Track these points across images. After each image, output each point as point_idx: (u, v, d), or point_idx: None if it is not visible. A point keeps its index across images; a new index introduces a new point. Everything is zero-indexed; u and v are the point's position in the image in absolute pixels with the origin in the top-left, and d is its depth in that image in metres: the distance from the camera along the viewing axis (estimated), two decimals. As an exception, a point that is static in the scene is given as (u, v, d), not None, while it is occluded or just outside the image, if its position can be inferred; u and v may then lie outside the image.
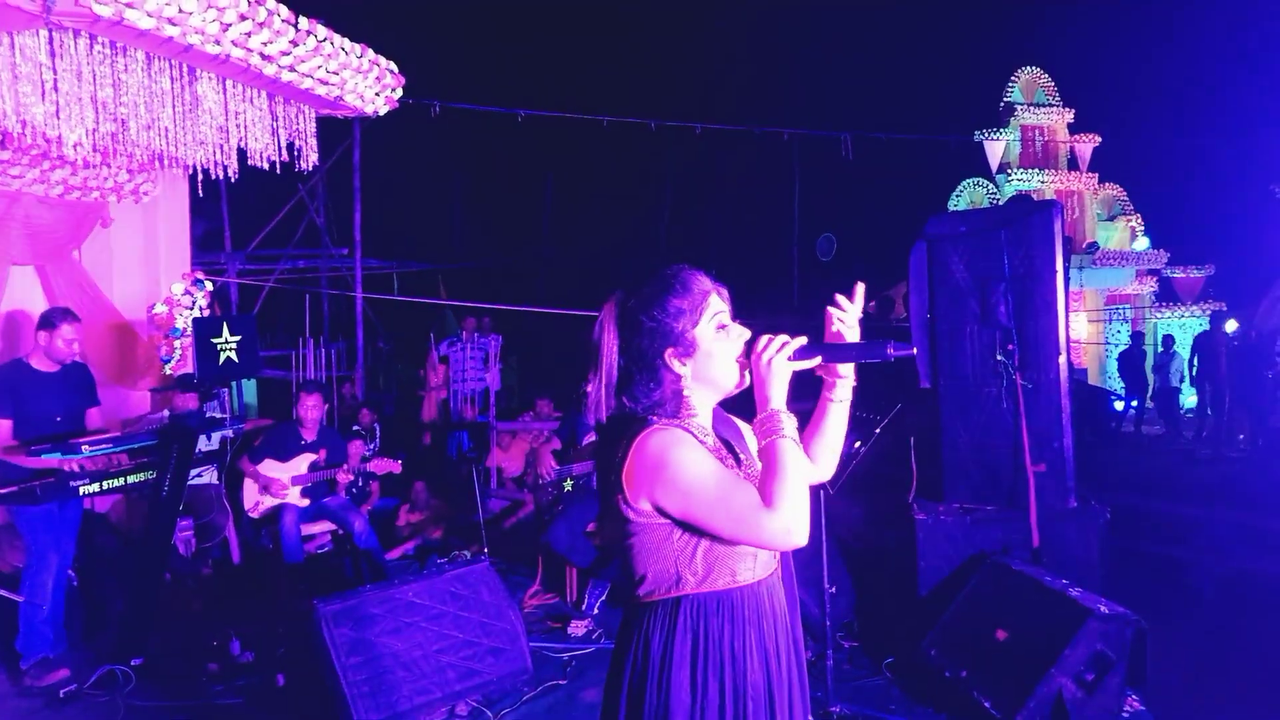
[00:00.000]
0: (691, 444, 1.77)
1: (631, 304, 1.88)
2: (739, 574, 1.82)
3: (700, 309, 1.86)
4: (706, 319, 1.86)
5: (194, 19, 4.30)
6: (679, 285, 1.86)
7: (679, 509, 1.75)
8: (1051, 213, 4.75)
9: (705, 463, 1.76)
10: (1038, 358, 4.70)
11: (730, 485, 1.74)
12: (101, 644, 4.80)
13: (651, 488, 1.76)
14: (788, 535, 1.69)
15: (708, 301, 1.87)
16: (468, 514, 7.16)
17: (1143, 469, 9.89)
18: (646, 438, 1.78)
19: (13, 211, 5.50)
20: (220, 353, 6.04)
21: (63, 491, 4.45)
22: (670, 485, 1.74)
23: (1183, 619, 5.07)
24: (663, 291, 1.86)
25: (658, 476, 1.75)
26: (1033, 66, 18.33)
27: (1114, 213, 18.39)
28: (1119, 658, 3.68)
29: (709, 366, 1.86)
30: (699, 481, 1.73)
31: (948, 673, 4.10)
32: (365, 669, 3.84)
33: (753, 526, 1.70)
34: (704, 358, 1.86)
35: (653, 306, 1.85)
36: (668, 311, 1.84)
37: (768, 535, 1.70)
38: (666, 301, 1.85)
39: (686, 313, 1.85)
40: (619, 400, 1.86)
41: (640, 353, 1.85)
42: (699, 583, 1.80)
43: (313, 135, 5.67)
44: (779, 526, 1.69)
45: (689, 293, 1.86)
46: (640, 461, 1.77)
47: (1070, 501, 4.72)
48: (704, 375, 1.87)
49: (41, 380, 4.60)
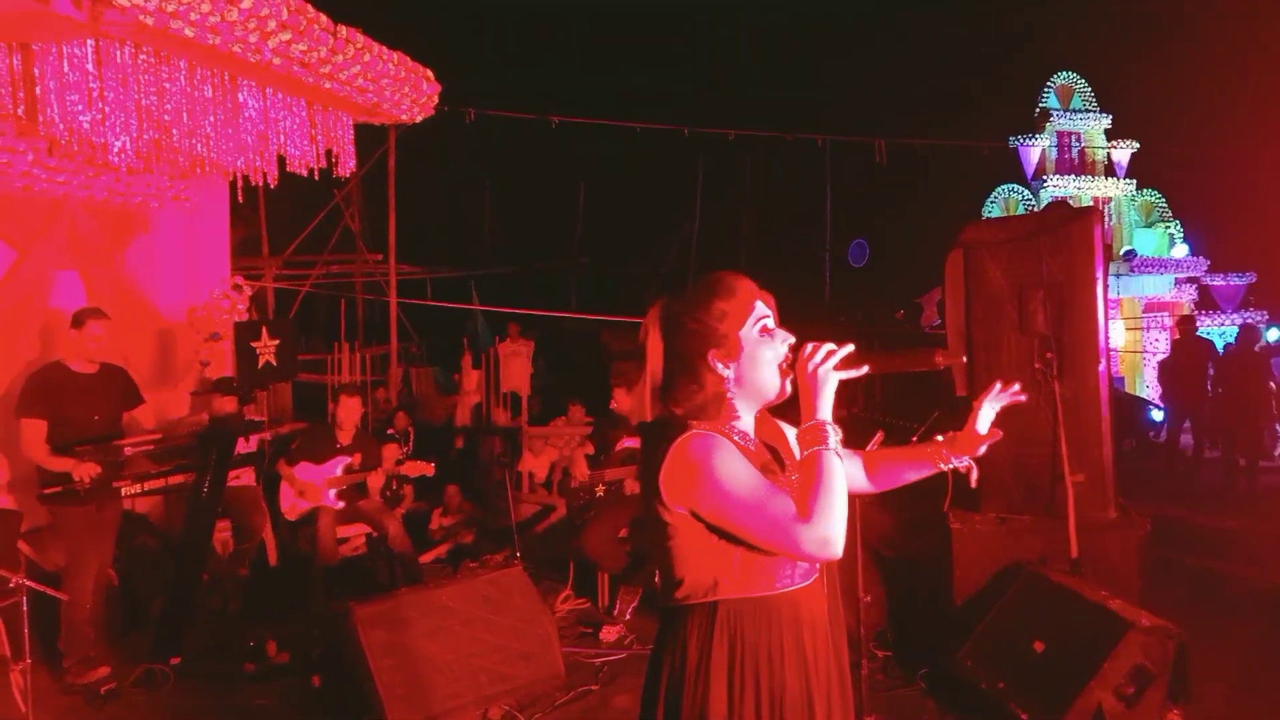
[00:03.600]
0: (730, 450, 1.77)
1: (676, 306, 1.88)
2: (777, 581, 1.81)
3: (745, 311, 1.85)
4: (751, 322, 1.86)
5: (236, 28, 4.37)
6: (723, 288, 1.86)
7: (715, 515, 1.75)
8: (1091, 219, 4.70)
9: (743, 471, 1.75)
10: (1076, 366, 4.64)
11: (767, 494, 1.73)
12: (140, 643, 4.87)
13: (689, 492, 1.76)
14: (823, 547, 1.69)
15: (753, 305, 1.87)
16: (500, 518, 7.19)
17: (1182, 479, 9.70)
18: (686, 442, 1.77)
19: (59, 216, 5.60)
20: (259, 356, 6.11)
21: (104, 492, 4.52)
22: (707, 491, 1.74)
23: (1225, 632, 4.97)
24: (707, 294, 1.87)
25: (695, 481, 1.74)
26: (1069, 72, 18.14)
27: (1152, 219, 18.13)
28: (1160, 672, 3.61)
29: (752, 370, 1.85)
30: (736, 489, 1.73)
31: (984, 684, 4.04)
32: (400, 671, 3.86)
33: (788, 537, 1.70)
34: (747, 361, 1.85)
35: (696, 308, 1.85)
36: (711, 313, 1.84)
37: (803, 546, 1.70)
38: (710, 303, 1.85)
39: (730, 315, 1.84)
40: (662, 403, 1.86)
41: (682, 354, 1.85)
42: (736, 588, 1.79)
43: (350, 142, 5.73)
44: (815, 538, 1.68)
45: (733, 295, 1.86)
46: (679, 465, 1.76)
47: (1110, 512, 4.65)
48: (747, 379, 1.86)
49: (79, 382, 4.66)
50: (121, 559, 5.16)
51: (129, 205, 6.17)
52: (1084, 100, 18.05)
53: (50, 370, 4.69)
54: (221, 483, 4.87)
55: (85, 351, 4.65)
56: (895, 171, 16.16)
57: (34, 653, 4.68)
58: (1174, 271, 17.53)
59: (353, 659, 3.87)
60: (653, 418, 1.87)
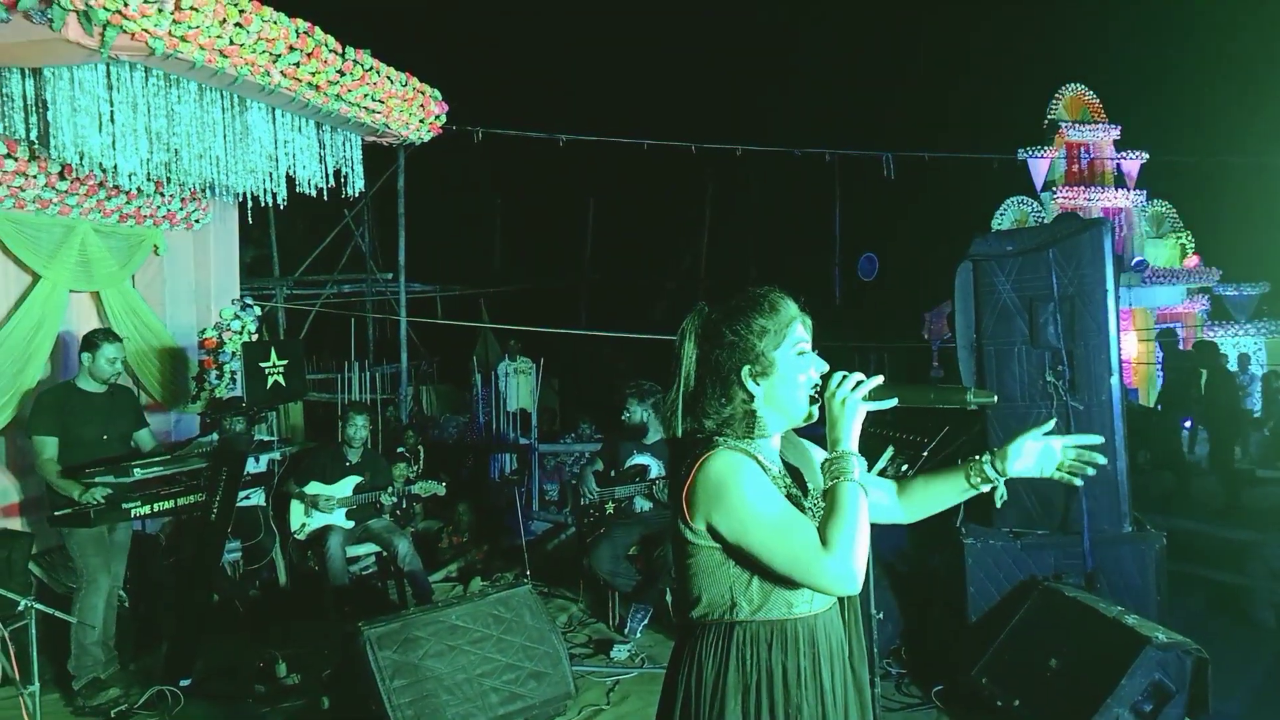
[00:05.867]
0: (756, 473, 1.75)
1: (715, 316, 1.87)
2: (795, 605, 1.79)
3: (784, 333, 1.84)
4: (789, 344, 1.84)
5: (245, 50, 4.39)
6: (767, 305, 1.85)
7: (735, 537, 1.73)
8: (1102, 230, 4.67)
9: (767, 495, 1.73)
10: (1089, 379, 4.61)
11: (790, 523, 1.71)
12: (151, 664, 4.87)
13: (710, 511, 1.74)
14: (844, 583, 1.68)
15: (792, 327, 1.85)
16: (510, 536, 7.18)
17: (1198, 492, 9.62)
18: (711, 459, 1.76)
19: (70, 240, 5.65)
20: (268, 377, 6.13)
21: (114, 514, 4.54)
22: (729, 512, 1.72)
23: (1243, 647, 4.91)
24: (750, 308, 1.85)
25: (718, 501, 1.73)
26: (1077, 84, 18.13)
27: (1163, 230, 18.07)
28: (1178, 688, 3.56)
29: (782, 392, 1.84)
30: (758, 514, 1.71)
31: (999, 702, 4.00)
32: (409, 692, 3.84)
33: (808, 568, 1.69)
34: (779, 382, 1.83)
35: (737, 322, 1.84)
36: (752, 329, 1.83)
37: (822, 579, 1.69)
38: (751, 319, 1.83)
39: (770, 333, 1.83)
40: (691, 414, 1.85)
41: (717, 366, 1.83)
42: (754, 611, 1.78)
43: (359, 162, 5.76)
44: (836, 572, 1.67)
45: (776, 314, 1.84)
46: (702, 483, 1.75)
47: (1125, 526, 4.60)
48: (775, 400, 1.84)
49: (89, 402, 4.72)
50: (132, 580, 5.17)
51: (140, 227, 6.21)
52: (1092, 112, 18.04)
53: (61, 390, 4.76)
54: (231, 503, 4.88)
55: (99, 374, 4.70)
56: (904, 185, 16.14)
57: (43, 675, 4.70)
58: (1186, 282, 17.45)
59: (362, 679, 3.86)
60: (682, 427, 1.86)
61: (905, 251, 18.75)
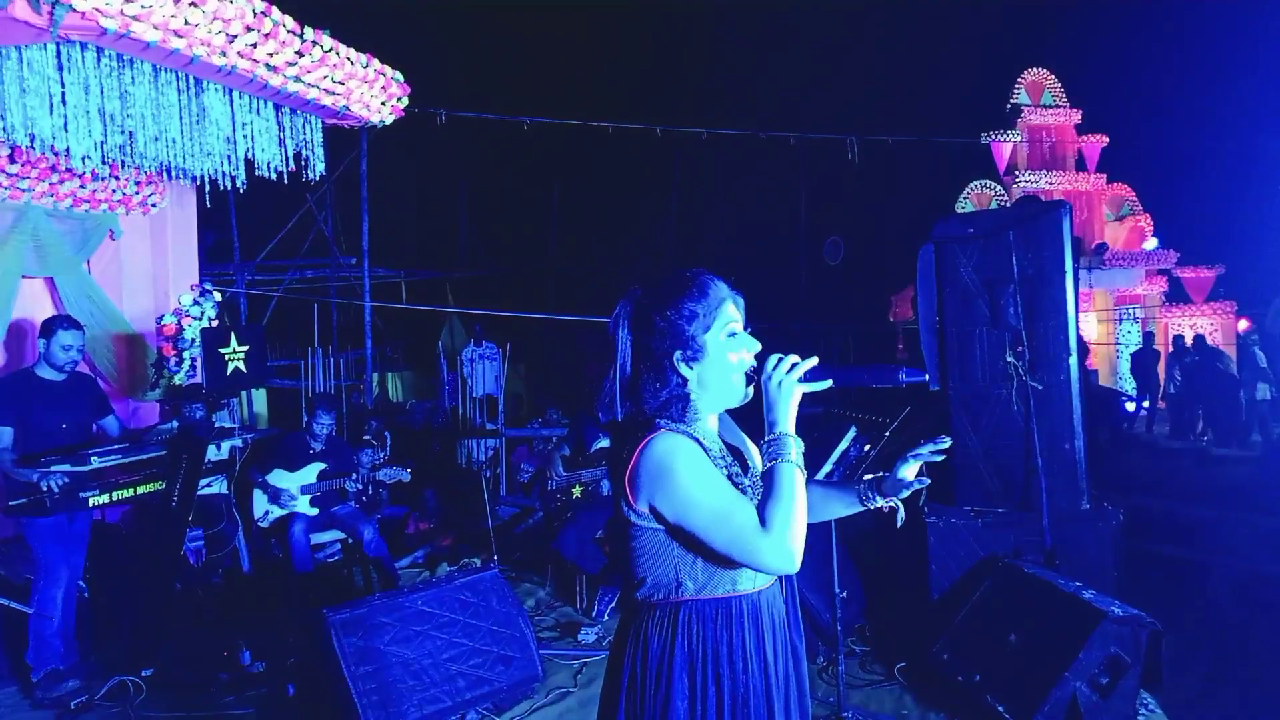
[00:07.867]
0: (697, 454, 1.76)
1: (646, 302, 1.87)
2: (739, 583, 1.82)
3: (713, 315, 1.84)
4: (719, 326, 1.84)
5: (200, 31, 4.31)
6: (695, 289, 1.84)
7: (676, 519, 1.75)
8: (1060, 213, 4.73)
9: (707, 477, 1.74)
10: (1048, 359, 4.67)
11: (729, 504, 1.72)
12: (112, 655, 4.80)
13: (653, 493, 1.75)
14: (780, 561, 1.70)
15: (722, 309, 1.85)
16: (477, 521, 7.16)
17: (1154, 470, 9.81)
18: (652, 442, 1.77)
19: (22, 224, 5.53)
20: (228, 363, 6.05)
21: (72, 503, 4.46)
22: (671, 494, 1.73)
23: (1198, 621, 5.03)
24: (678, 292, 1.84)
25: (659, 483, 1.74)
26: (1039, 68, 18.29)
27: (1122, 213, 18.32)
28: (1134, 661, 3.64)
29: (714, 375, 1.85)
30: (700, 495, 1.72)
31: (960, 677, 4.07)
32: (375, 678, 3.83)
33: (746, 548, 1.70)
34: (710, 365, 1.84)
35: (666, 306, 1.83)
36: (681, 313, 1.83)
37: (762, 558, 1.70)
38: (681, 303, 1.83)
39: (699, 317, 1.83)
40: (630, 401, 1.85)
41: (649, 352, 1.84)
42: (699, 590, 1.79)
43: (319, 145, 5.67)
44: (773, 552, 1.69)
45: (705, 297, 1.84)
46: (644, 465, 1.75)
47: (1083, 504, 4.68)
48: (709, 383, 1.85)
49: (47, 389, 4.62)
50: (91, 569, 5.09)
51: (95, 212, 6.09)
52: (1054, 96, 18.21)
53: (18, 378, 4.65)
54: (192, 491, 4.82)
55: (56, 361, 4.60)
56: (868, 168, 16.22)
57: (2, 668, 4.62)
58: (1144, 264, 17.72)
59: (327, 666, 3.84)
60: (622, 414, 1.86)
61: (870, 235, 18.88)
